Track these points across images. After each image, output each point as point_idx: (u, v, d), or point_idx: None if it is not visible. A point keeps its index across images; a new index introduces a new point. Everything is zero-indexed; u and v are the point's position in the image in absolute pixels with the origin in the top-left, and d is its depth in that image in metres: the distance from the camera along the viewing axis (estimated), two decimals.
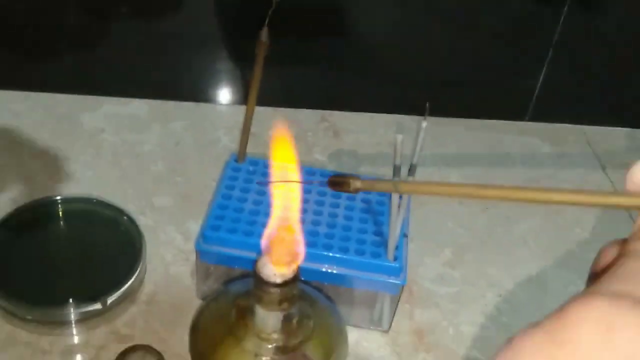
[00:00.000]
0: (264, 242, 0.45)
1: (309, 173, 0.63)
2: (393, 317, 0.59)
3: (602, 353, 0.18)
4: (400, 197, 0.54)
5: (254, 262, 0.46)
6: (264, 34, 0.57)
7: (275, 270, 0.45)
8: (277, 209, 0.46)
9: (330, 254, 0.55)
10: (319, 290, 0.56)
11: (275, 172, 0.51)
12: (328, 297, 0.56)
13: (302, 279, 0.51)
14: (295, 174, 0.51)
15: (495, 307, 0.63)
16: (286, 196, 0.46)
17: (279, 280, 0.45)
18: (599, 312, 0.18)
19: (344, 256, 0.55)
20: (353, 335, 0.58)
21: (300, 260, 0.45)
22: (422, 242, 0.68)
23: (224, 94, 0.83)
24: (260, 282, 0.45)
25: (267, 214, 0.47)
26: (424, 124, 0.51)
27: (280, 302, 0.46)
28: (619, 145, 0.87)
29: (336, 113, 0.84)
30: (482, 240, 0.70)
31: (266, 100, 0.78)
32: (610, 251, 0.24)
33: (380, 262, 0.55)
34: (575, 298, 0.19)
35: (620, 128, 0.89)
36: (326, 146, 0.79)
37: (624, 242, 0.22)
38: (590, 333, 0.18)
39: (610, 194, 0.24)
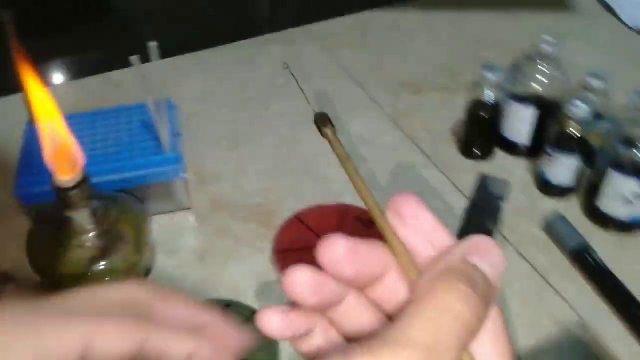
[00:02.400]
0: (46, 161, 0.50)
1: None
2: (189, 195, 0.67)
3: None
4: (158, 106, 0.61)
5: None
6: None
7: (63, 178, 0.50)
8: (47, 133, 0.50)
9: (120, 163, 0.61)
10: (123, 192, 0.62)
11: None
12: (132, 194, 0.62)
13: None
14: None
15: (263, 173, 0.72)
16: (51, 120, 0.51)
17: (70, 185, 0.50)
18: None
19: (133, 161, 0.61)
20: (166, 219, 0.66)
21: (80, 165, 0.51)
22: (198, 140, 0.76)
23: None
24: (59, 191, 0.51)
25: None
26: None
27: (80, 201, 0.52)
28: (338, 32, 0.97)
29: None
30: (238, 138, 0.78)
31: None
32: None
33: (160, 156, 0.62)
34: (383, 346, 0.19)
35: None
36: None
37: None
38: None
39: None
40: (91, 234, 0.54)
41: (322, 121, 0.44)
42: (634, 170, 0.59)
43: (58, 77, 0.89)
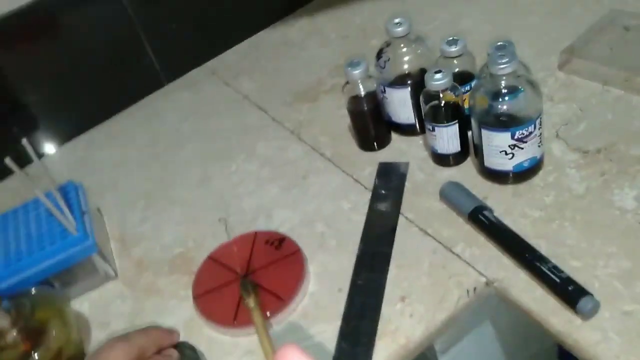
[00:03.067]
0: None
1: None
2: (113, 265, 0.69)
3: None
4: (49, 195, 0.64)
5: None
6: None
7: None
8: None
9: (32, 257, 0.64)
10: (45, 283, 0.65)
11: None
12: (51, 284, 0.65)
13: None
14: None
15: (179, 222, 0.75)
16: None
17: None
18: None
19: (43, 251, 0.64)
20: (96, 294, 0.68)
21: None
22: (117, 206, 0.79)
23: None
24: None
25: None
26: None
27: None
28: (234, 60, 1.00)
29: None
30: (153, 194, 0.81)
31: None
32: None
33: (67, 240, 0.65)
34: None
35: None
36: None
37: None
38: None
39: None
40: (11, 334, 0.57)
41: (247, 290, 0.54)
42: (501, 123, 0.60)
43: None
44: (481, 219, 0.61)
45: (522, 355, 0.78)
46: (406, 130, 0.74)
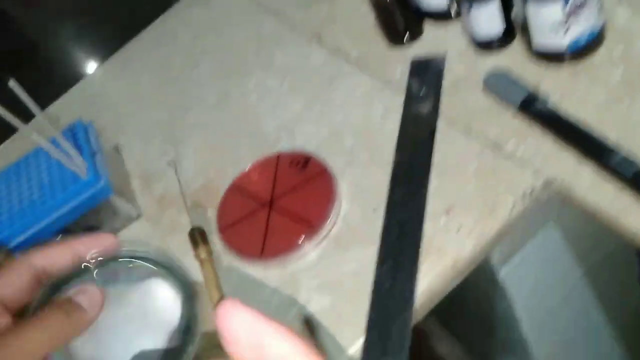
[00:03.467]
0: None
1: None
2: (135, 205, 0.65)
3: None
4: (54, 142, 0.59)
5: None
6: None
7: None
8: None
9: (45, 206, 0.60)
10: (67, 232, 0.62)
11: None
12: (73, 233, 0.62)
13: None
14: None
15: (200, 151, 0.69)
16: None
17: None
18: None
19: (56, 199, 0.60)
20: (120, 237, 0.64)
21: None
22: (136, 141, 0.74)
23: None
24: None
25: None
26: None
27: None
28: None
29: None
30: (171, 122, 0.75)
31: None
32: None
33: (81, 183, 0.60)
34: None
35: None
36: None
37: None
38: None
39: None
40: None
41: (195, 240, 0.47)
42: None
43: None
44: (534, 110, 0.52)
45: (596, 255, 0.70)
46: (439, 16, 0.64)
